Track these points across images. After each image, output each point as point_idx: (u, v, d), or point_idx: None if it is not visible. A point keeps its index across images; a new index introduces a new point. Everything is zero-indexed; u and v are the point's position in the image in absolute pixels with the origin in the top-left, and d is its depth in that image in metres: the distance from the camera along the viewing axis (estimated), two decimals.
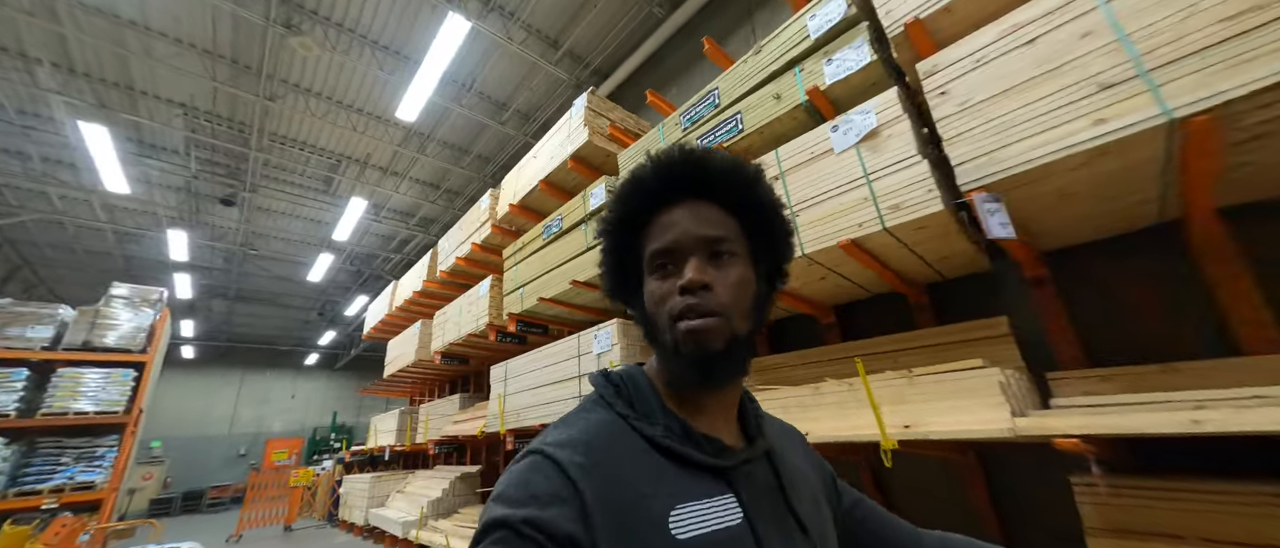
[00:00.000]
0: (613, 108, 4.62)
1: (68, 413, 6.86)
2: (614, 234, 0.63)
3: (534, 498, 0.45)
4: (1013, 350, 2.25)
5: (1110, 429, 1.45)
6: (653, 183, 0.60)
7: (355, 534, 7.83)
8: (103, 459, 7.16)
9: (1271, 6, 1.26)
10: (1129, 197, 1.80)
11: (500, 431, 4.53)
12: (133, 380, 7.41)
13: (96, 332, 7.40)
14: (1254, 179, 1.68)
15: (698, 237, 0.57)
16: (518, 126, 7.53)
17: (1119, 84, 1.47)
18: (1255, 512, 1.51)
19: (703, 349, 0.53)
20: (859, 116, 2.17)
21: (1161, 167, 1.61)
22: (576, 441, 0.51)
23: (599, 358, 3.55)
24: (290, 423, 19.80)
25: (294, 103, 6.83)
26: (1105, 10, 1.53)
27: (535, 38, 5.95)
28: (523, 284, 4.75)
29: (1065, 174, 1.64)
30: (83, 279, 12.03)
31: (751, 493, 0.55)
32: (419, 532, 5.65)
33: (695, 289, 0.54)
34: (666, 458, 0.52)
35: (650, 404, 0.57)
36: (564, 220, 4.29)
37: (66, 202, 8.60)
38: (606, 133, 4.28)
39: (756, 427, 0.65)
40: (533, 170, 4.93)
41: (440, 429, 6.53)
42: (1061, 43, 1.61)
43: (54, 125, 6.79)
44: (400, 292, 8.05)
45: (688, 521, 0.48)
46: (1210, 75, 1.33)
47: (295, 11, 5.30)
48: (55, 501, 6.56)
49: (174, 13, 5.33)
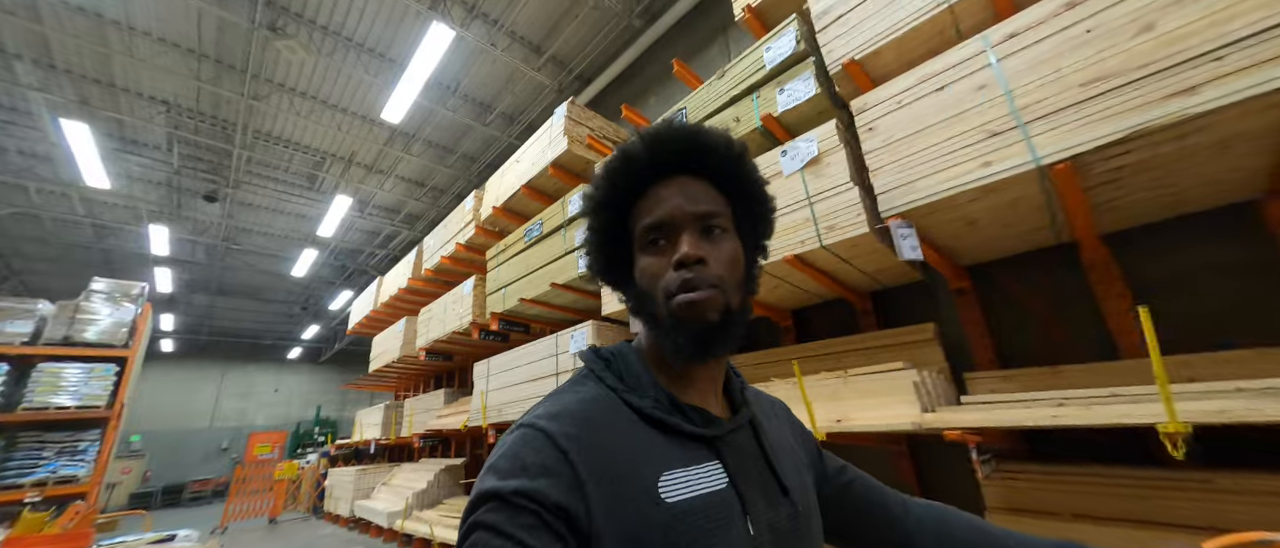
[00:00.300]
0: (592, 116, 4.82)
1: (49, 408, 6.87)
2: (603, 211, 0.62)
3: (524, 469, 0.46)
4: (938, 353, 2.53)
5: (988, 423, 1.73)
6: (644, 158, 0.60)
7: (341, 526, 7.98)
8: (85, 454, 7.18)
9: (1113, 78, 1.53)
10: (1024, 224, 2.08)
11: (483, 425, 4.74)
12: (115, 376, 7.41)
13: (77, 327, 7.37)
14: (1125, 210, 1.97)
15: (690, 212, 0.58)
16: (502, 128, 7.68)
17: (1003, 132, 1.74)
18: (1118, 491, 1.81)
19: (700, 322, 0.55)
20: (804, 144, 2.42)
21: (1045, 201, 1.89)
22: (568, 412, 0.52)
23: (575, 358, 3.78)
24: (273, 417, 19.67)
25: (279, 102, 6.88)
26: (995, 68, 1.80)
27: (519, 44, 6.10)
28: (505, 284, 4.95)
29: (965, 205, 1.91)
30: (59, 272, 11.85)
31: (736, 459, 0.56)
32: (404, 522, 5.83)
33: (690, 263, 0.55)
34: (655, 428, 0.54)
35: (640, 378, 0.58)
36: (544, 225, 4.50)
37: (44, 196, 8.50)
38: (585, 141, 4.49)
39: (741, 397, 0.66)
40: (515, 175, 5.11)
41: (425, 423, 6.69)
42: (962, 93, 1.87)
43: (32, 120, 6.75)
44: (385, 288, 8.16)
45: (676, 486, 0.50)
46: (1068, 131, 1.60)
47: (281, 14, 5.38)
48: (38, 495, 6.58)
49: (158, 13, 5.36)
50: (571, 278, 3.99)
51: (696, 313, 0.54)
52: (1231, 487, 1.63)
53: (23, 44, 5.58)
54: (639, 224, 0.59)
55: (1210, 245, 2.01)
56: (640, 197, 0.60)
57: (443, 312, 6.21)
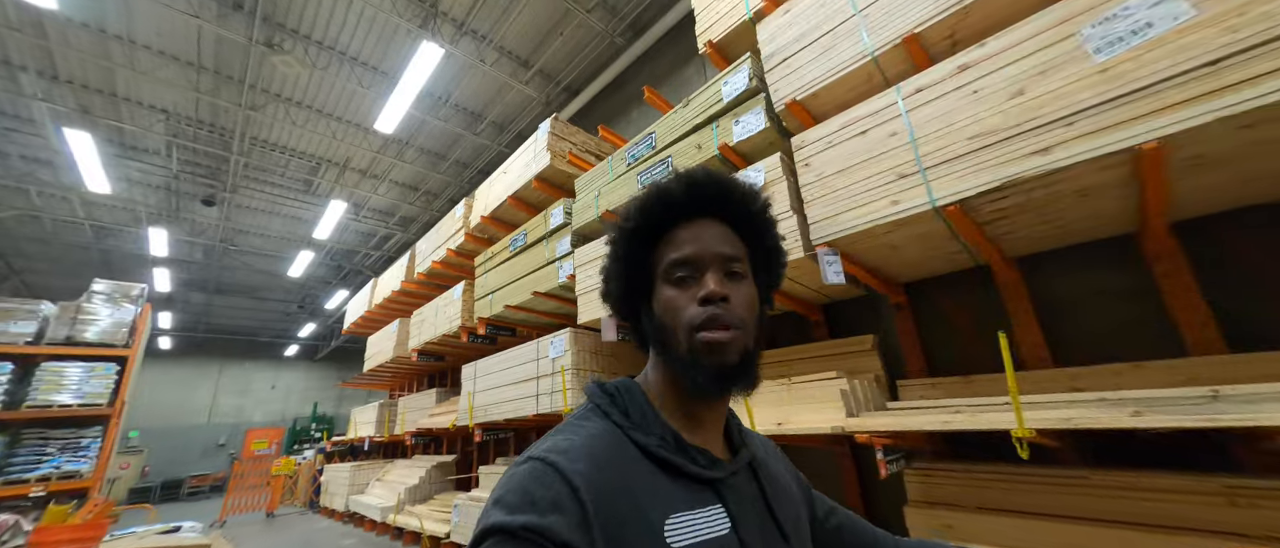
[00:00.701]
0: (574, 132, 5.05)
1: (52, 406, 7.08)
2: (631, 241, 0.63)
3: (533, 504, 0.45)
4: (876, 362, 2.79)
5: (892, 427, 1.99)
6: (678, 196, 0.62)
7: (336, 520, 8.21)
8: (88, 450, 7.40)
9: (993, 134, 1.78)
10: (941, 250, 2.34)
11: (469, 425, 4.99)
12: (116, 374, 7.63)
13: (78, 327, 7.57)
14: (1023, 240, 2.23)
15: (717, 252, 0.60)
16: (492, 137, 7.90)
17: (909, 175, 1.99)
18: (1016, 486, 2.06)
19: (722, 361, 0.56)
20: (753, 173, 2.67)
21: (950, 233, 2.14)
22: (577, 448, 0.51)
23: (554, 362, 4.02)
24: (271, 413, 19.84)
25: (275, 111, 7.08)
26: (905, 118, 2.05)
27: (507, 58, 6.31)
28: (492, 291, 5.18)
29: (883, 236, 2.16)
30: (58, 271, 12.00)
31: (738, 503, 0.56)
32: (396, 516, 6.08)
33: (716, 300, 0.56)
34: (660, 468, 0.54)
35: (645, 415, 0.58)
36: (528, 236, 4.73)
37: (45, 198, 8.67)
38: (568, 156, 4.72)
39: (740, 438, 0.67)
40: (502, 186, 5.33)
41: (417, 422, 6.93)
42: (879, 138, 2.12)
43: (35, 126, 6.92)
44: (380, 289, 8.36)
45: (682, 531, 0.50)
46: (958, 178, 1.85)
47: (277, 31, 5.58)
48: (42, 489, 6.81)
49: (159, 28, 5.55)
50: (552, 287, 4.23)
51: (718, 352, 0.55)
52: (1100, 483, 1.89)
53: (28, 56, 5.76)
54: (665, 258, 0.61)
55: (1100, 272, 2.28)
56: (666, 232, 0.62)
57: (434, 315, 6.43)
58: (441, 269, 6.56)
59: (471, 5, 5.56)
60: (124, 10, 5.25)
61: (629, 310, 0.66)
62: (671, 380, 0.61)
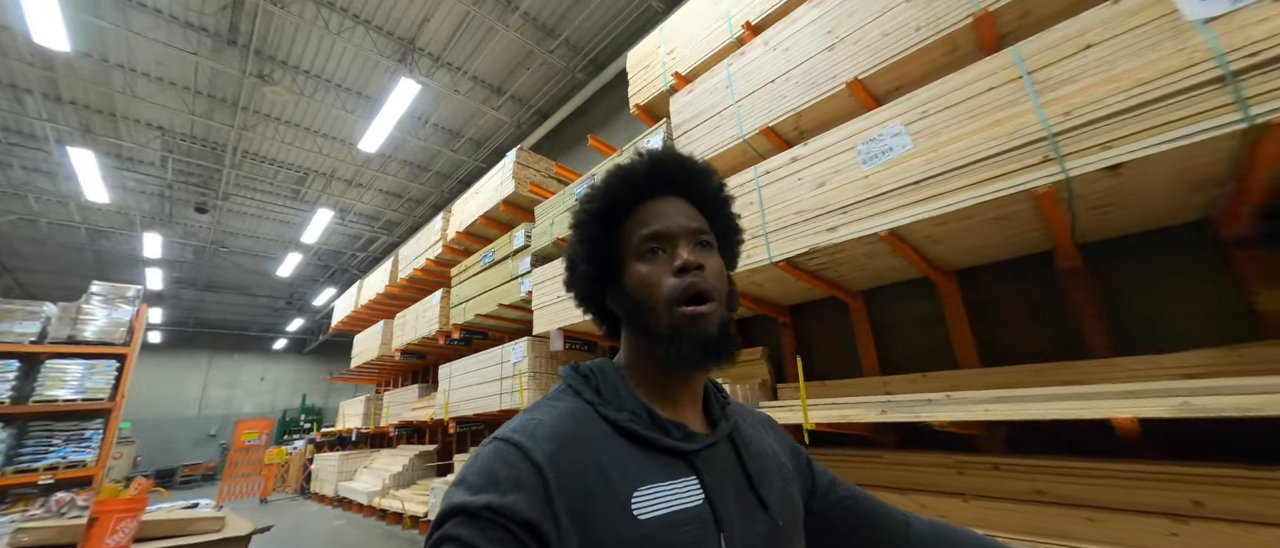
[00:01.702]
0: (538, 160, 5.63)
1: (57, 400, 7.56)
2: (597, 224, 0.63)
3: (495, 484, 0.45)
4: (764, 369, 3.47)
5: None
6: (642, 176, 0.62)
7: (326, 504, 8.79)
8: (91, 441, 7.91)
9: (806, 212, 2.45)
10: (799, 286, 3.01)
11: (445, 418, 5.62)
12: (115, 371, 8.11)
13: (79, 327, 7.99)
14: (852, 281, 2.92)
15: (687, 226, 0.60)
16: (469, 153, 8.43)
17: (757, 237, 2.65)
18: (864, 465, 2.74)
19: (704, 332, 0.56)
20: None
21: (788, 287, 2.81)
22: (543, 426, 0.51)
23: (514, 366, 4.66)
24: (260, 405, 20.15)
25: (265, 130, 7.53)
26: (758, 193, 2.71)
27: (480, 86, 6.85)
28: (466, 300, 5.78)
29: (747, 278, 2.83)
30: (51, 270, 12.26)
31: (713, 474, 0.55)
32: (381, 500, 6.70)
33: (692, 269, 0.57)
34: (632, 443, 0.53)
35: (619, 392, 0.58)
36: (496, 253, 5.33)
37: (42, 203, 9.01)
38: (529, 185, 5.32)
39: (721, 412, 0.66)
40: (475, 205, 5.92)
41: (400, 415, 7.52)
42: (742, 205, 2.78)
43: (36, 142, 7.30)
44: (366, 291, 8.87)
45: (650, 502, 0.49)
46: (785, 242, 2.51)
47: (268, 63, 6.05)
48: (51, 477, 7.30)
49: (158, 58, 5.98)
50: (514, 300, 4.85)
51: (701, 327, 0.56)
52: (910, 461, 2.57)
53: (35, 82, 6.16)
54: (636, 234, 0.61)
55: (914, 303, 2.97)
56: (631, 212, 0.62)
57: (415, 318, 7.01)
58: (422, 275, 7.12)
59: (446, 41, 6.09)
60: (125, 44, 5.68)
61: (595, 297, 0.66)
62: (646, 358, 0.61)
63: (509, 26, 5.67)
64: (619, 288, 0.62)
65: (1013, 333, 2.55)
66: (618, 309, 0.63)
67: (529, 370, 4.48)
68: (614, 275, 0.63)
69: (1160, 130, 1.51)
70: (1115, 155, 1.59)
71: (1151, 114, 1.54)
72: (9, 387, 7.53)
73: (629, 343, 0.64)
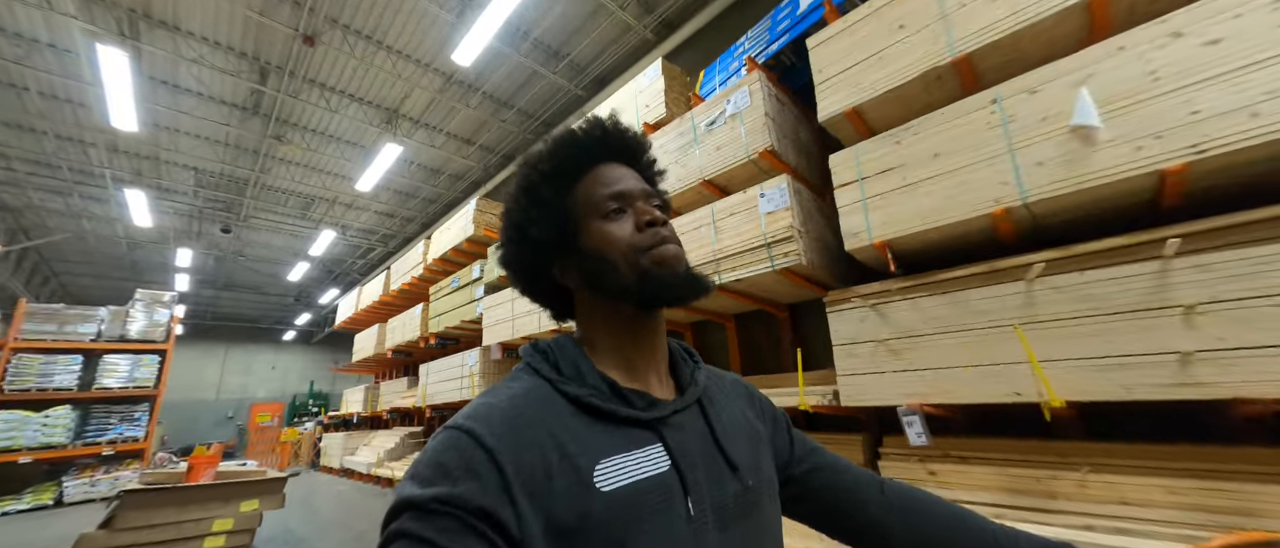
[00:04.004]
0: (495, 205, 7.19)
1: (112, 388, 9.31)
2: (548, 186, 0.61)
3: (446, 475, 0.43)
4: None
5: None
6: (596, 140, 0.62)
7: (333, 475, 10.50)
8: (139, 421, 9.72)
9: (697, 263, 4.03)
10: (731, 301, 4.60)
11: (423, 407, 7.28)
12: (158, 363, 9.85)
13: (127, 327, 9.73)
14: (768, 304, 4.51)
15: (644, 189, 0.62)
16: (448, 186, 10.02)
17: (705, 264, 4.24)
18: None
19: (675, 269, 0.57)
20: None
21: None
22: (496, 409, 0.49)
23: (469, 368, 6.29)
24: (272, 390, 21.65)
25: (279, 171, 9.10)
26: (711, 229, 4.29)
27: (453, 140, 8.40)
28: (440, 313, 7.40)
29: None
30: (92, 273, 13.93)
31: (679, 440, 0.54)
32: (377, 469, 8.39)
33: (658, 224, 0.59)
34: (593, 417, 0.52)
35: (577, 366, 0.56)
36: (460, 280, 6.94)
37: (92, 222, 10.63)
38: (485, 230, 6.89)
39: (690, 377, 0.64)
40: (446, 238, 7.49)
41: (392, 402, 9.18)
42: None
43: (95, 179, 8.89)
44: (365, 296, 10.44)
45: (612, 473, 0.48)
46: None
47: (283, 127, 7.61)
48: (112, 449, 9.08)
49: (197, 126, 7.53)
50: (472, 318, 6.47)
51: (672, 265, 0.57)
52: None
53: (98, 139, 7.73)
54: (597, 193, 0.60)
55: (811, 320, 4.55)
56: (581, 176, 0.61)
57: (402, 325, 8.63)
58: (409, 288, 8.72)
59: (423, 109, 7.63)
60: (172, 117, 7.24)
61: (540, 270, 0.63)
62: (607, 325, 0.60)
63: (470, 105, 7.22)
64: (574, 251, 0.60)
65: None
66: (570, 278, 0.62)
67: (479, 373, 6.12)
68: (567, 241, 0.60)
69: (749, 266, 2.97)
70: (736, 276, 3.04)
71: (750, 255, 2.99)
72: (75, 377, 9.38)
73: (588, 312, 0.62)
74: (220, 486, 3.91)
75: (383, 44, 6.18)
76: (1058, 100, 2.07)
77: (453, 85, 6.87)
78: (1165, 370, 1.79)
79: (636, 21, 5.48)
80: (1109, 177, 1.92)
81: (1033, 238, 2.35)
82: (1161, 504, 1.81)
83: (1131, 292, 1.90)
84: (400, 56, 6.40)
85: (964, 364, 2.23)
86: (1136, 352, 1.83)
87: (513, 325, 5.32)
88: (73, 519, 6.56)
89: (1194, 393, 1.70)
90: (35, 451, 8.06)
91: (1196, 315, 1.75)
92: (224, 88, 6.87)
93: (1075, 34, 2.23)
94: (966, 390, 2.21)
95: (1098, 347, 1.91)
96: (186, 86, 6.76)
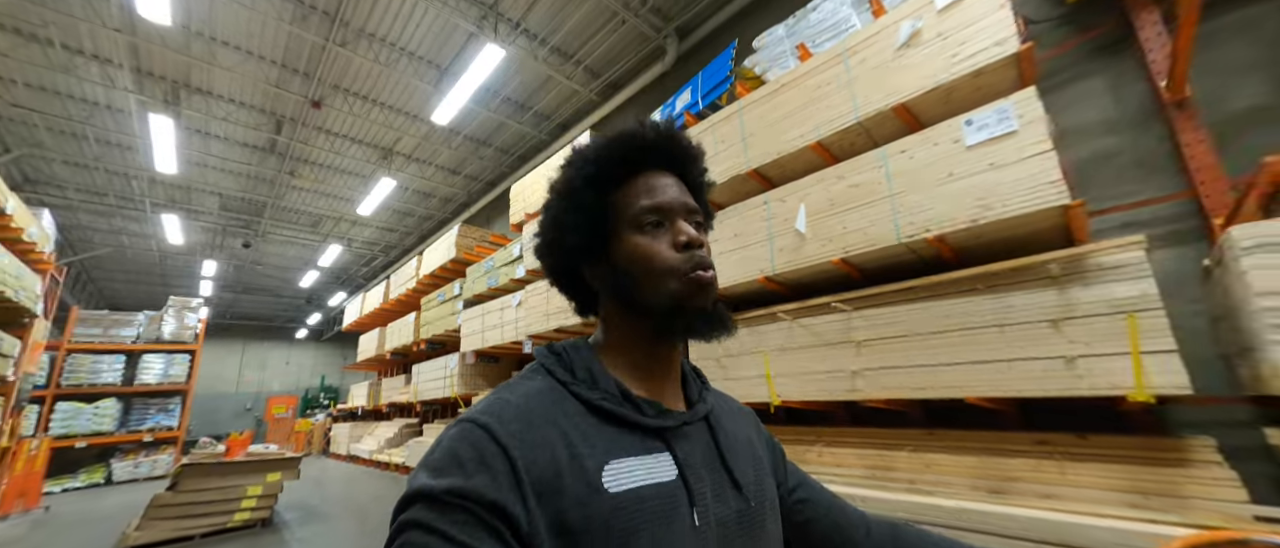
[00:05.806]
0: (475, 230, 8.34)
1: (149, 384, 10.60)
2: (590, 190, 0.59)
3: (460, 467, 0.43)
4: None
5: None
6: (646, 147, 0.60)
7: (341, 460, 11.79)
8: (173, 412, 11.03)
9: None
10: None
11: (414, 401, 8.50)
12: (188, 362, 11.14)
13: (162, 330, 11.02)
14: None
15: (686, 204, 0.59)
16: (439, 208, 11.21)
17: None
18: None
19: (705, 301, 0.56)
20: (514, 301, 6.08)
21: None
22: (511, 405, 0.49)
23: (450, 370, 7.48)
24: (286, 384, 22.72)
25: (293, 197, 10.32)
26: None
27: (441, 171, 9.58)
28: (429, 322, 8.60)
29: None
30: (125, 279, 15.28)
31: (687, 452, 0.54)
32: (378, 455, 9.64)
33: (695, 247, 0.56)
34: (604, 421, 0.52)
35: (592, 370, 0.56)
36: (445, 295, 8.13)
37: (130, 238, 11.94)
38: (464, 253, 8.05)
39: (699, 394, 0.64)
40: (435, 257, 8.64)
41: (390, 398, 10.42)
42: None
43: (135, 205, 10.16)
44: (368, 301, 11.68)
45: (620, 476, 0.48)
46: None
47: (295, 163, 8.81)
48: (151, 436, 10.39)
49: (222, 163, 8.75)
50: (453, 328, 7.64)
51: (706, 296, 0.56)
52: None
53: (140, 172, 8.97)
54: (634, 204, 0.58)
55: None
56: (625, 182, 0.59)
57: (398, 331, 9.84)
58: (405, 298, 9.93)
59: (415, 147, 8.81)
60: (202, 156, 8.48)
61: (572, 270, 0.63)
62: (627, 337, 0.59)
63: (453, 147, 8.39)
64: (605, 261, 0.59)
65: None
66: (599, 284, 0.61)
67: (457, 374, 7.31)
68: (599, 247, 0.59)
69: None
70: None
71: None
72: (119, 374, 10.70)
73: (611, 321, 0.61)
74: (252, 462, 5.12)
75: (377, 102, 7.35)
76: (791, 209, 3.20)
77: (437, 131, 8.04)
78: (844, 382, 2.92)
79: (583, 88, 6.61)
80: (811, 262, 3.06)
81: (788, 294, 3.48)
82: (952, 470, 2.47)
83: (833, 329, 3.03)
84: (392, 110, 7.57)
85: (753, 376, 3.36)
86: (829, 369, 2.96)
87: (483, 336, 6.49)
88: (122, 495, 7.85)
89: (858, 396, 2.81)
90: (88, 437, 9.34)
91: (863, 346, 2.88)
92: (246, 135, 8.08)
93: (817, 163, 3.35)
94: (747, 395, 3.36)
95: (811, 365, 3.04)
96: (216, 134, 7.98)
